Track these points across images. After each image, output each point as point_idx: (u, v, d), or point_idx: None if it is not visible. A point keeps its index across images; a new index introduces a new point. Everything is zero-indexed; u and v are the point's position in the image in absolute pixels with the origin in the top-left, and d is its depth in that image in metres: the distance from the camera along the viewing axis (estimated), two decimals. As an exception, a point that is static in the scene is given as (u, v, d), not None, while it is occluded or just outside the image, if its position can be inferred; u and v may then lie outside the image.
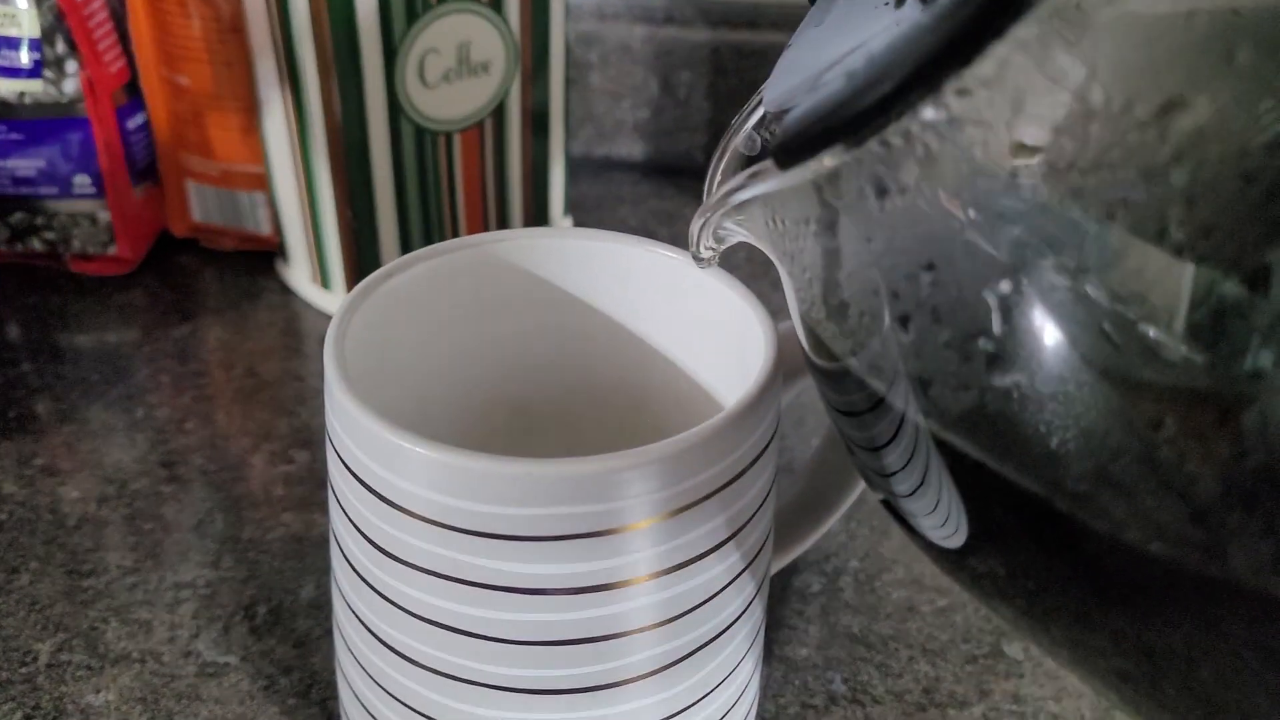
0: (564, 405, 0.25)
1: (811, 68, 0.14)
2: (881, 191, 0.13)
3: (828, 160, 0.12)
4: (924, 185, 0.12)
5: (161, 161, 0.40)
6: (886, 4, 0.14)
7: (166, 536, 0.29)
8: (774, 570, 0.25)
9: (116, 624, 0.26)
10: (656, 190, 0.48)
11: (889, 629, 0.26)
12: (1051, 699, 0.25)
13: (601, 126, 0.50)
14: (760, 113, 0.17)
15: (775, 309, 0.20)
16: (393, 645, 0.18)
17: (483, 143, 0.38)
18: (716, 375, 0.22)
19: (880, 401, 0.14)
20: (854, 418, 0.15)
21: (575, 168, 0.50)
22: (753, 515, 0.19)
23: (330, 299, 0.38)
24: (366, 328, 0.20)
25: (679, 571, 0.18)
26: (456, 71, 0.36)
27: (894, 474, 0.15)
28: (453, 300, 0.22)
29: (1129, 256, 0.11)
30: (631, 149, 0.50)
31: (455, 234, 0.39)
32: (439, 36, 0.35)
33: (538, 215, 0.42)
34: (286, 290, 0.40)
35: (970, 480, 0.13)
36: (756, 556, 0.20)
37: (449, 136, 0.37)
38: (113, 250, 0.40)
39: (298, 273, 0.39)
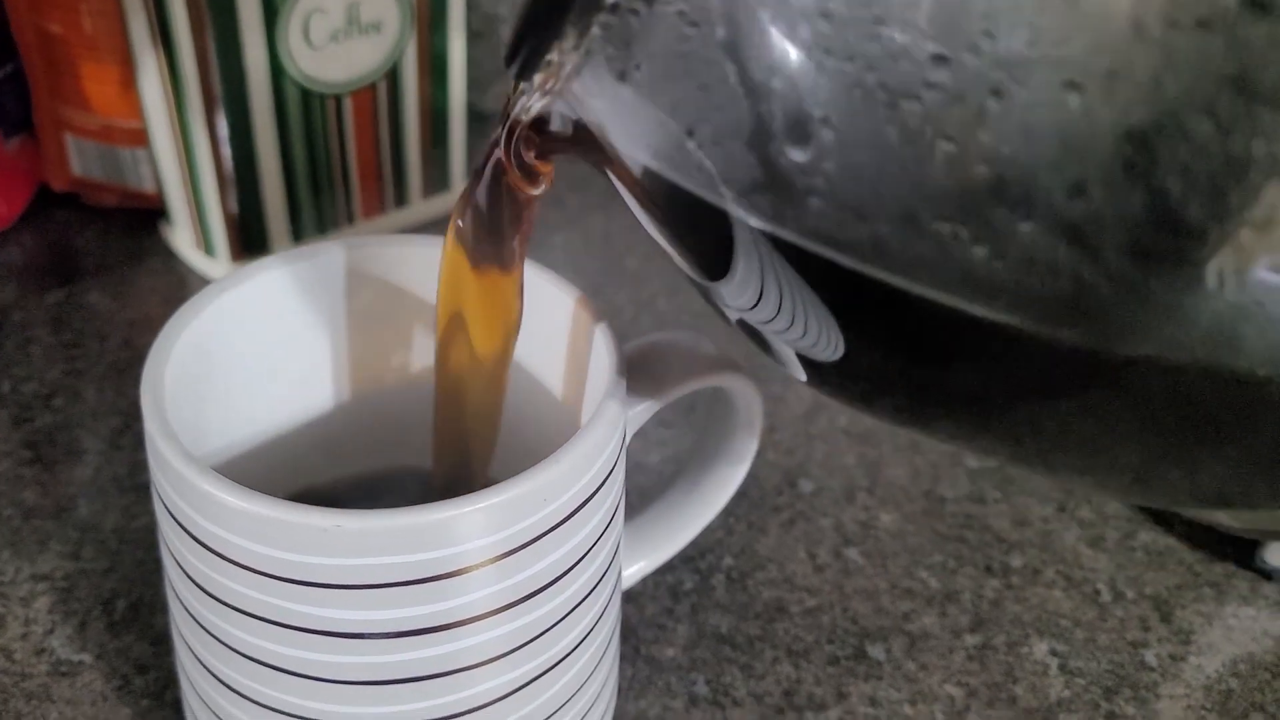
0: (427, 413, 0.24)
1: None
2: (622, 75, 0.13)
3: (555, 58, 0.12)
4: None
5: (37, 113, 0.38)
6: None
7: (25, 524, 0.28)
8: (655, 565, 0.25)
9: (-31, 618, 0.26)
10: (568, 150, 0.47)
11: (756, 629, 0.27)
12: (907, 701, 0.25)
13: (513, 80, 0.48)
14: None
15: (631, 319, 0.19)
16: (222, 679, 0.18)
17: (376, 105, 0.37)
18: (569, 382, 0.22)
19: (726, 239, 0.14)
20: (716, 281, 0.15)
21: (484, 122, 0.48)
22: (595, 542, 0.19)
23: (214, 265, 0.37)
24: (196, 350, 0.19)
25: (516, 608, 0.18)
26: (345, 32, 0.35)
27: (766, 315, 0.15)
28: (299, 312, 0.22)
29: None
30: (544, 105, 0.49)
31: (347, 200, 0.38)
32: (326, -6, 0.34)
33: (437, 180, 0.40)
34: (170, 253, 0.38)
35: (815, 278, 0.13)
36: (600, 580, 0.20)
37: (339, 99, 0.36)
38: (-16, 206, 0.38)
39: (181, 236, 0.38)
